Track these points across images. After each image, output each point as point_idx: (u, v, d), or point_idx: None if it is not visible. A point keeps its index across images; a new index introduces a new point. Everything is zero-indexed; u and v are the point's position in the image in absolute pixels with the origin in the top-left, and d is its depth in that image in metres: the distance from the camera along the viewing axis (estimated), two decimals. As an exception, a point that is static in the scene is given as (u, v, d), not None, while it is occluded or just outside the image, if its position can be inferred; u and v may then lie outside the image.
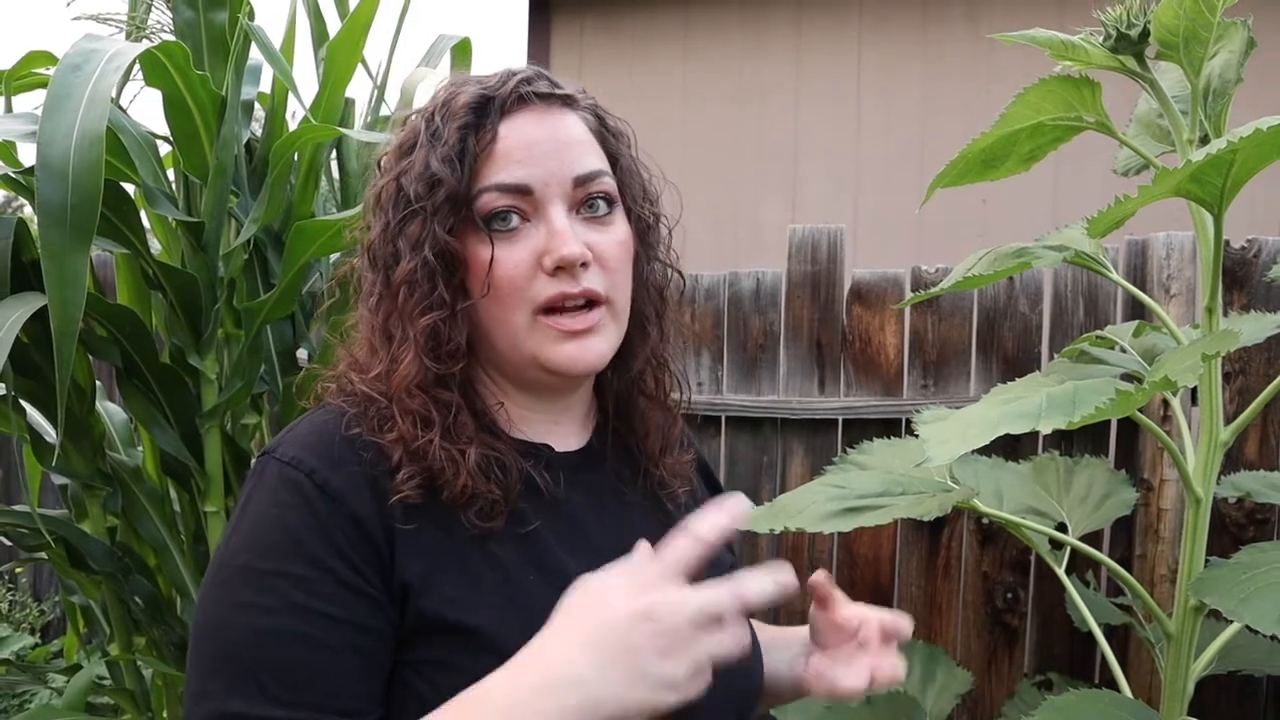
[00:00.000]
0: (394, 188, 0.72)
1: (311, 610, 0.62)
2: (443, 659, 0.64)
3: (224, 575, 0.65)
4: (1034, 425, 0.83)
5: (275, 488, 0.66)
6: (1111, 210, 0.98)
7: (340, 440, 0.68)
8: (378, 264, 0.73)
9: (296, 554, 0.63)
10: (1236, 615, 0.87)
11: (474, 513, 0.67)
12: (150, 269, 1.47)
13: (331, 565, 0.63)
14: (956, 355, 1.84)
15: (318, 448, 0.68)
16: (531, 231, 0.70)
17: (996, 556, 1.81)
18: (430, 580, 0.65)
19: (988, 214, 3.03)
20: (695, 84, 3.50)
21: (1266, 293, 1.66)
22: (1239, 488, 1.39)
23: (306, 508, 0.64)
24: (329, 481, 0.65)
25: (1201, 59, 1.11)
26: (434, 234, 0.69)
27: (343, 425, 0.69)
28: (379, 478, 0.67)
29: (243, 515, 0.67)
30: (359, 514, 0.65)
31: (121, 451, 1.67)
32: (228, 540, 0.67)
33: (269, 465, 0.68)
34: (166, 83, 1.39)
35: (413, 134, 0.73)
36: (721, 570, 0.82)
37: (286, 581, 0.62)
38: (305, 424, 0.71)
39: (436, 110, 0.72)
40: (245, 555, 0.64)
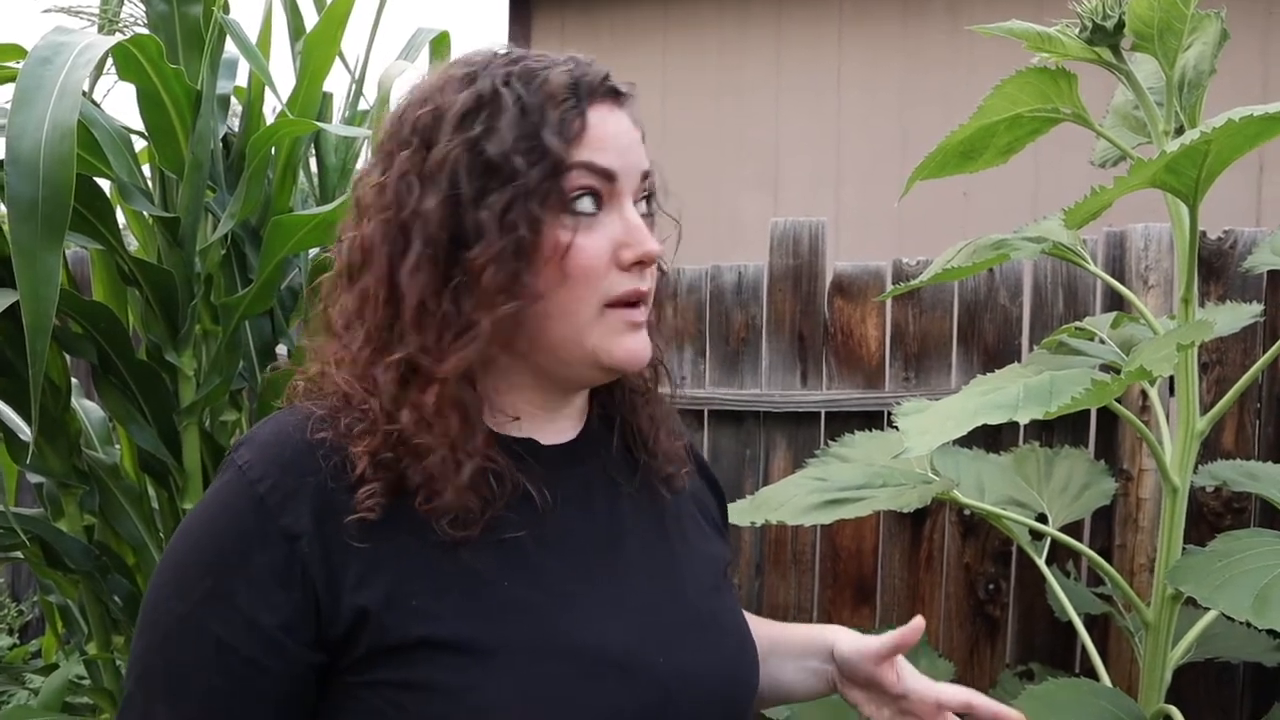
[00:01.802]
0: (466, 156, 0.65)
1: (207, 631, 0.61)
2: (409, 678, 0.61)
3: (162, 565, 0.66)
4: (1011, 416, 0.83)
5: (220, 489, 0.66)
6: (1088, 201, 0.99)
7: (300, 445, 0.65)
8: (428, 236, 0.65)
9: (209, 569, 0.63)
10: (1211, 602, 0.88)
11: (447, 522, 0.64)
12: (126, 265, 1.45)
13: (235, 589, 0.62)
14: (938, 347, 1.85)
15: (273, 451, 0.65)
16: (607, 221, 0.68)
17: (978, 548, 1.82)
18: (393, 598, 0.62)
19: (968, 207, 3.04)
20: (676, 79, 3.50)
21: (1243, 283, 1.67)
22: (1216, 477, 1.40)
23: (237, 521, 0.63)
24: (270, 493, 0.63)
25: (1176, 50, 1.12)
26: (529, 211, 0.64)
27: (308, 429, 0.66)
28: (336, 491, 0.64)
29: (198, 507, 0.68)
30: (295, 531, 0.62)
31: (99, 449, 1.66)
32: (183, 524, 0.68)
33: (228, 465, 0.67)
34: (140, 76, 1.38)
35: (476, 102, 0.66)
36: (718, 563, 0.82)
37: (196, 595, 0.62)
38: (272, 424, 0.69)
39: (515, 80, 0.67)
40: (176, 554, 0.65)
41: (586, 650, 0.65)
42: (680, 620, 0.72)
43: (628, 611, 0.69)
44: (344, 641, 0.62)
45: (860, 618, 1.87)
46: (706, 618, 0.74)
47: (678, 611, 0.72)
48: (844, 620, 1.87)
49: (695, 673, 0.69)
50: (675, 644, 0.70)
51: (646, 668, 0.67)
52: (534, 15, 3.68)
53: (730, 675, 0.74)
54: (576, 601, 0.67)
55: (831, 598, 1.89)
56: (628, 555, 0.72)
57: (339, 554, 0.62)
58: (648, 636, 0.69)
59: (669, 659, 0.68)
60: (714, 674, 0.72)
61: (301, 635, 0.62)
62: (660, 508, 0.78)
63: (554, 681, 0.63)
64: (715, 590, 0.78)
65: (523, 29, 3.65)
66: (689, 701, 0.68)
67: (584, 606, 0.67)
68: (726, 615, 0.77)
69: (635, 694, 0.66)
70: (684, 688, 0.68)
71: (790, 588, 1.91)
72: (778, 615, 1.89)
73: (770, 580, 1.92)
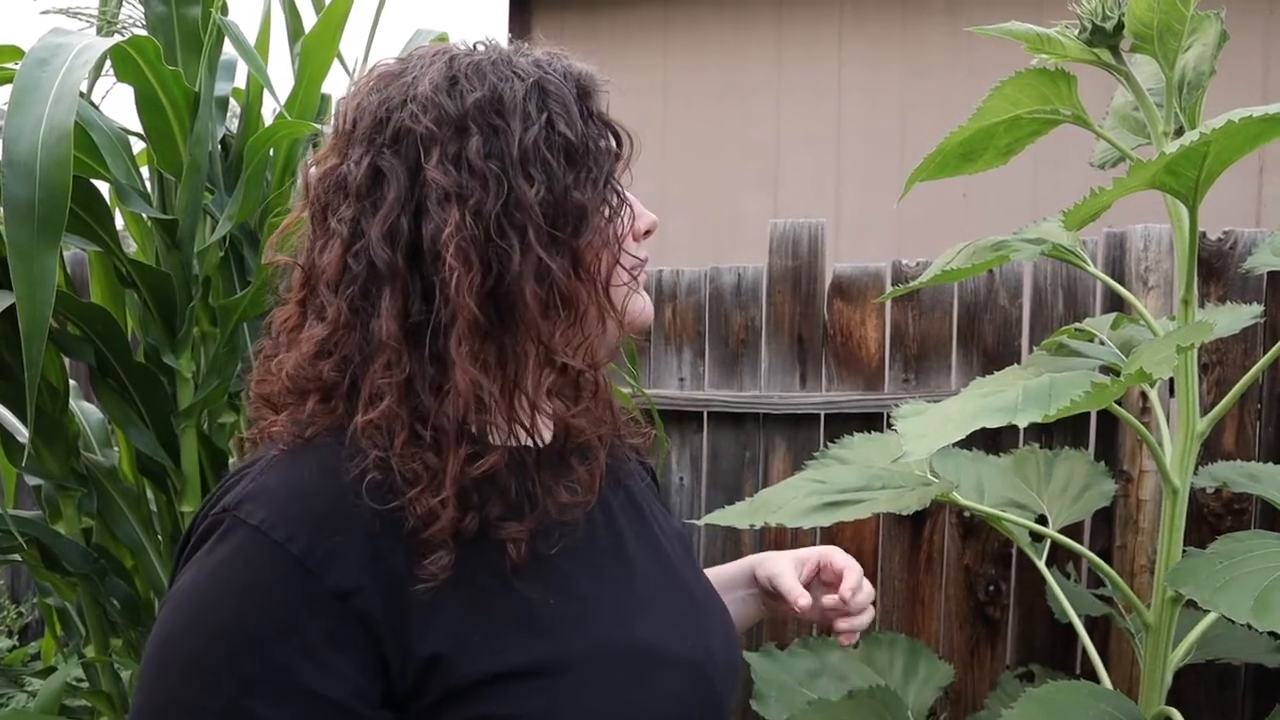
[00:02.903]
0: (552, 139, 0.63)
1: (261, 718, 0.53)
2: (488, 712, 0.58)
3: (166, 655, 0.56)
4: (1010, 419, 0.83)
5: (235, 560, 0.56)
6: (1087, 203, 0.99)
7: (331, 492, 0.58)
8: (544, 229, 0.61)
9: (251, 649, 0.54)
10: (1212, 604, 0.88)
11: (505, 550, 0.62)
12: (124, 267, 1.45)
13: (293, 664, 0.54)
14: (937, 349, 1.84)
15: (300, 506, 0.58)
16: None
17: (978, 549, 1.82)
18: (463, 637, 0.59)
19: (968, 208, 3.04)
20: (676, 79, 3.50)
21: (1243, 284, 1.67)
22: (1217, 478, 1.40)
23: (273, 591, 0.55)
24: (309, 552, 0.56)
25: (1176, 51, 1.12)
26: (618, 192, 0.66)
27: (336, 470, 0.59)
28: (384, 537, 0.58)
29: (194, 585, 0.57)
30: (347, 587, 0.56)
31: (97, 451, 1.65)
32: (173, 609, 0.57)
33: (234, 527, 0.57)
34: (138, 78, 1.37)
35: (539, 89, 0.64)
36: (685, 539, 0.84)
37: (236, 683, 0.54)
38: (277, 474, 0.60)
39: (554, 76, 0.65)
40: (192, 640, 0.55)
41: (635, 650, 0.66)
42: (686, 604, 0.75)
43: (649, 605, 0.71)
44: (415, 692, 0.58)
45: (860, 620, 1.87)
46: (701, 597, 0.78)
47: (681, 596, 0.75)
48: (844, 622, 1.87)
49: (712, 649, 0.72)
50: (692, 627, 0.73)
51: (684, 654, 0.69)
52: (534, 16, 3.68)
53: (732, 646, 0.78)
54: (608, 605, 0.68)
55: (831, 600, 1.88)
56: (629, 549, 0.73)
57: (398, 603, 0.57)
58: (671, 625, 0.71)
59: (694, 642, 0.71)
60: (723, 648, 0.75)
61: (372, 698, 0.56)
62: (633, 493, 0.79)
63: (620, 686, 0.64)
64: (694, 567, 0.81)
65: (523, 31, 3.65)
66: (717, 675, 0.72)
67: (617, 609, 0.68)
68: (711, 590, 0.81)
69: (685, 680, 0.68)
70: (711, 664, 0.71)
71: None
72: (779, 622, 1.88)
73: (770, 582, 1.92)
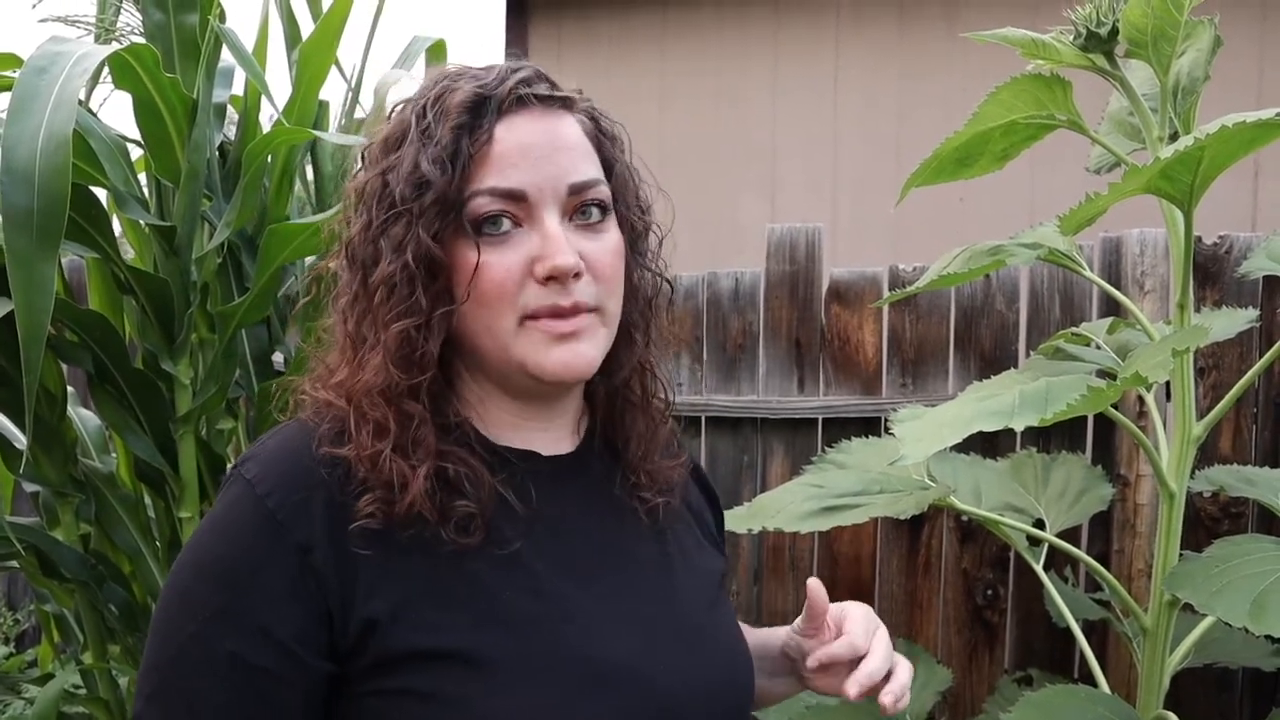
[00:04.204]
0: (379, 184, 0.68)
1: (221, 647, 0.62)
2: (414, 687, 0.63)
3: (170, 583, 0.67)
4: (1007, 423, 0.83)
5: (230, 506, 0.67)
6: (1083, 207, 0.99)
7: (306, 458, 0.67)
8: (356, 262, 0.70)
9: (224, 585, 0.63)
10: (1209, 608, 0.88)
11: (450, 528, 0.65)
12: (122, 274, 1.45)
13: (249, 604, 0.63)
14: (935, 354, 1.85)
15: (282, 466, 0.67)
16: (523, 237, 0.67)
17: (976, 554, 1.82)
18: (402, 609, 0.64)
19: (965, 213, 3.04)
20: (673, 85, 3.51)
21: (1239, 288, 1.68)
22: (1213, 482, 1.40)
23: (248, 536, 0.64)
24: (280, 507, 0.64)
25: (1170, 57, 1.12)
26: (418, 237, 0.66)
27: (315, 440, 0.67)
28: (344, 504, 0.65)
29: (200, 528, 0.68)
30: (308, 543, 0.63)
31: (95, 458, 1.65)
32: (185, 546, 0.68)
33: (235, 480, 0.67)
34: (136, 86, 1.38)
35: (401, 128, 0.69)
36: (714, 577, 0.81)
37: (208, 611, 0.63)
38: (277, 438, 0.70)
39: (428, 105, 0.68)
40: (189, 570, 0.66)
41: (587, 663, 0.66)
42: (677, 635, 0.72)
43: (626, 626, 0.69)
44: (353, 651, 0.63)
45: (858, 624, 1.87)
46: (702, 633, 0.75)
47: (675, 626, 0.72)
48: (842, 627, 1.87)
49: (691, 687, 0.70)
50: (672, 659, 0.70)
51: (645, 681, 0.67)
52: (531, 23, 3.68)
53: (724, 690, 0.74)
54: (577, 614, 0.67)
55: (830, 604, 1.88)
56: (627, 569, 0.72)
57: (350, 565, 0.63)
58: (645, 651, 0.69)
59: (667, 674, 0.69)
60: (709, 689, 0.72)
61: (315, 645, 0.63)
62: (658, 521, 0.77)
63: (555, 694, 0.64)
64: (711, 605, 0.78)
65: (519, 37, 3.66)
66: (685, 716, 0.69)
67: (584, 620, 0.67)
68: (723, 630, 0.77)
69: (633, 708, 0.66)
70: (680, 703, 0.68)
71: (789, 595, 1.91)
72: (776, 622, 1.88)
73: (769, 587, 1.92)
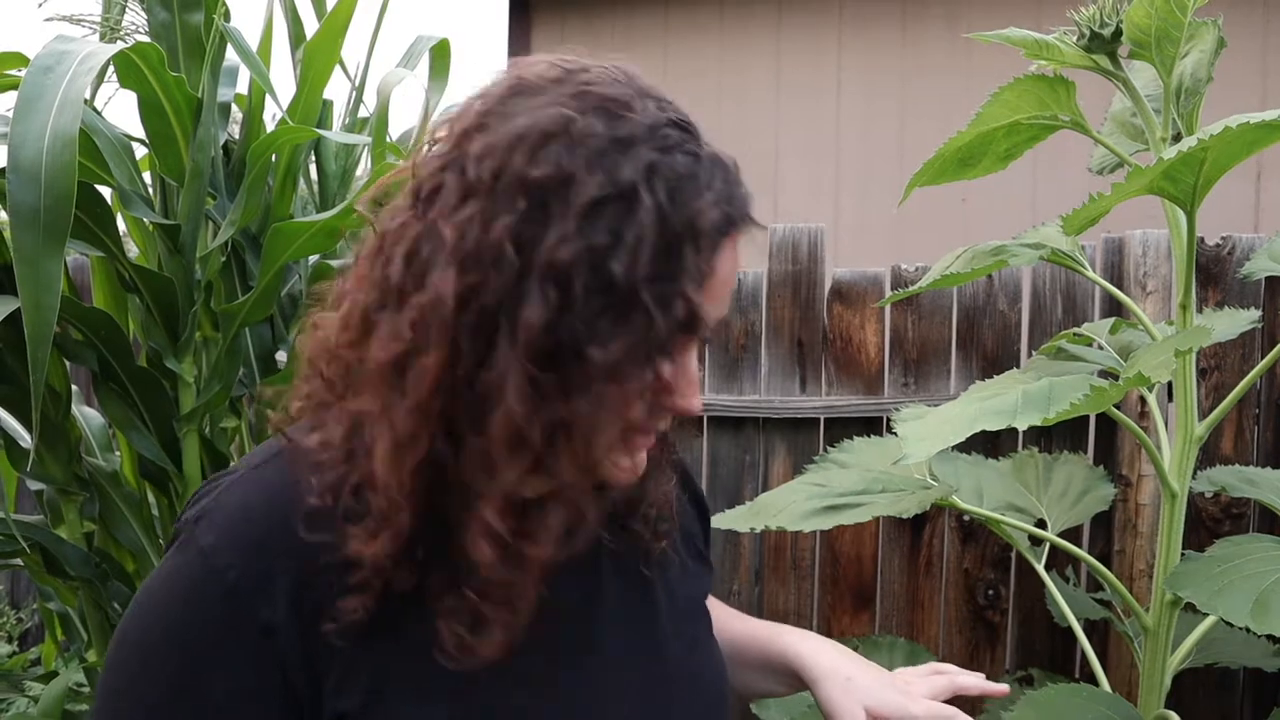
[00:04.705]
0: (588, 269, 0.51)
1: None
2: None
3: (115, 648, 0.60)
4: (1010, 422, 0.83)
5: (181, 575, 0.58)
6: (1086, 208, 0.99)
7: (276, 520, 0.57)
8: (527, 350, 0.52)
9: (181, 657, 0.56)
10: (1210, 608, 0.88)
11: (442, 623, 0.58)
12: (126, 272, 1.45)
13: (211, 682, 0.56)
14: (937, 353, 1.85)
15: (242, 530, 0.57)
16: None
17: (978, 554, 1.82)
18: (371, 703, 0.57)
19: (967, 213, 3.04)
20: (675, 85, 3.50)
21: (1241, 289, 1.68)
22: (1215, 482, 1.40)
23: (205, 612, 0.56)
24: (242, 580, 0.56)
25: (1173, 58, 1.13)
26: (652, 362, 0.55)
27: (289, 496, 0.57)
28: (318, 581, 0.56)
29: (149, 588, 0.60)
30: (272, 624, 0.56)
31: (99, 456, 1.66)
32: (134, 603, 0.60)
33: (187, 543, 0.58)
34: (141, 84, 1.38)
35: (613, 193, 0.52)
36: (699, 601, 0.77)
37: (164, 683, 0.56)
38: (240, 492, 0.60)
39: (660, 181, 0.53)
40: (130, 645, 0.59)
41: None
42: (662, 689, 0.69)
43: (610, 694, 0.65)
44: None
45: (860, 624, 1.87)
46: (688, 679, 0.71)
47: (660, 679, 0.69)
48: (844, 627, 1.87)
49: None
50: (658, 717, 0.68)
51: None
52: (534, 21, 3.69)
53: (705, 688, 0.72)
54: (559, 692, 0.63)
55: (831, 604, 1.89)
56: (608, 620, 0.67)
57: (318, 652, 0.56)
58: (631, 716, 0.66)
59: None
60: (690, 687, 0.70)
61: None
62: (640, 553, 0.71)
63: None
64: (694, 642, 0.74)
65: (522, 37, 3.66)
66: None
67: (566, 698, 0.63)
68: (707, 670, 0.74)
69: None
70: None
71: (790, 594, 1.91)
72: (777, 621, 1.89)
73: (770, 586, 1.92)
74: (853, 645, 1.58)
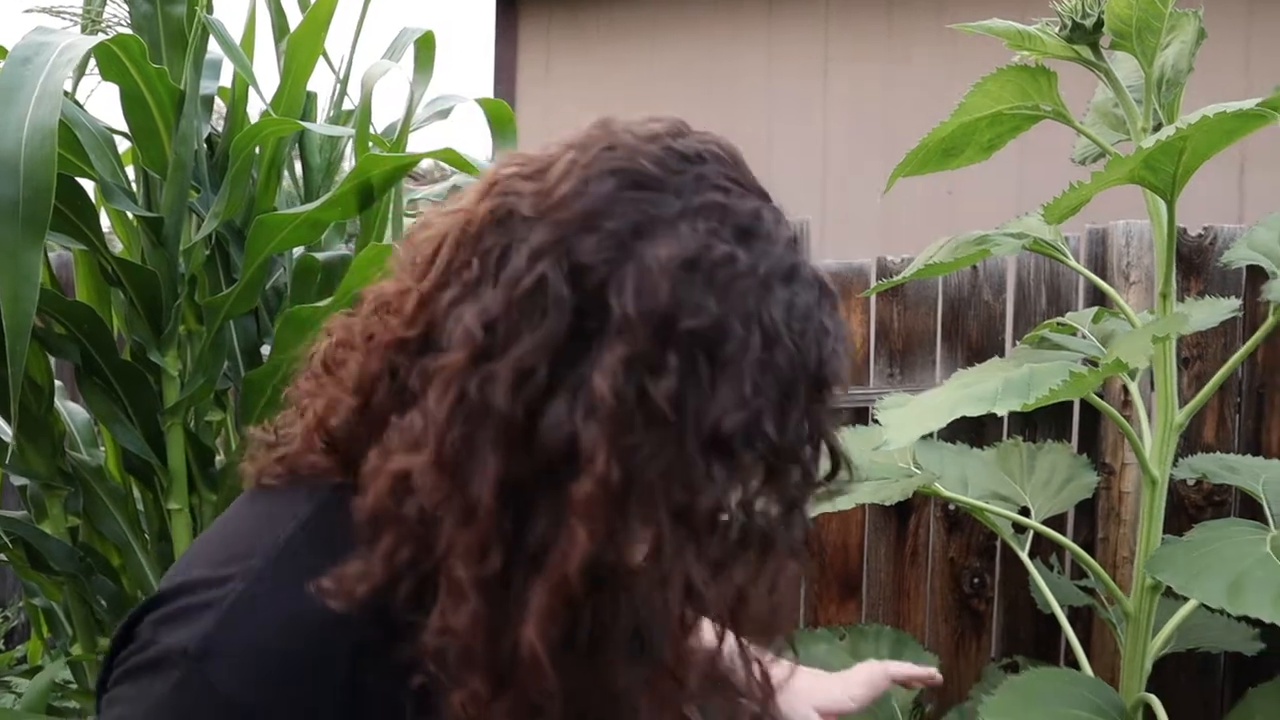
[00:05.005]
0: (752, 433, 0.47)
1: None
2: None
3: None
4: (990, 407, 0.84)
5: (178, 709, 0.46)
6: (1066, 196, 1.00)
7: (324, 658, 0.48)
8: (681, 528, 0.46)
9: None
10: (1187, 590, 0.89)
11: None
12: (109, 265, 1.45)
13: None
14: (922, 344, 1.86)
15: (283, 680, 0.47)
16: None
17: (963, 543, 1.83)
18: None
19: (954, 205, 3.05)
20: (663, 77, 3.51)
21: (1223, 279, 1.69)
22: (1196, 469, 1.42)
23: None
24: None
25: (1154, 49, 1.13)
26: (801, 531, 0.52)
27: (344, 630, 0.47)
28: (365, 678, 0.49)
29: None
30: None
31: (83, 451, 1.65)
32: None
33: (191, 684, 0.46)
34: (123, 77, 1.37)
35: (771, 352, 0.47)
36: None
37: None
38: (264, 618, 0.48)
39: (794, 336, 0.48)
40: None
41: None
42: None
43: None
44: None
45: (846, 612, 1.88)
46: None
47: None
48: (831, 615, 1.88)
49: None
50: None
51: None
52: (520, 15, 3.68)
53: None
54: None
55: (818, 593, 1.90)
56: None
57: None
58: None
59: None
60: None
61: None
62: None
63: None
64: None
65: (509, 30, 3.65)
66: None
67: None
68: None
69: None
70: None
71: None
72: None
73: (757, 577, 1.93)
74: (840, 634, 1.59)
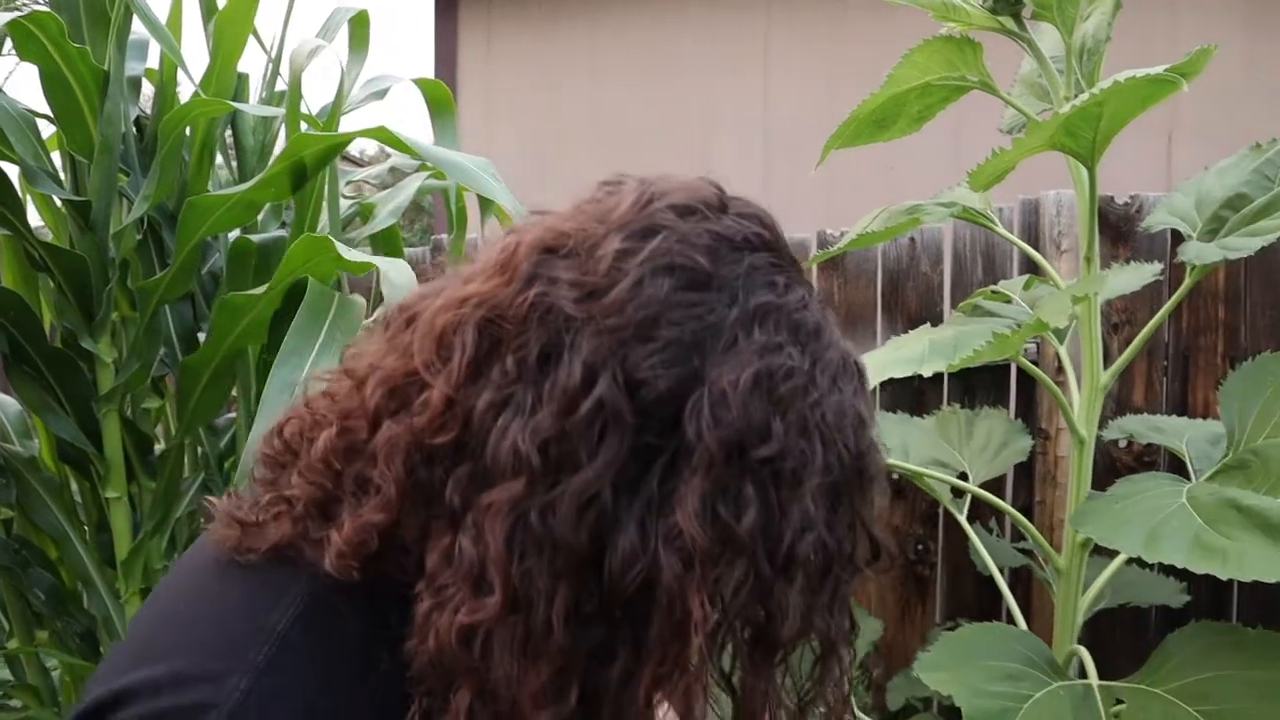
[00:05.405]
0: (819, 545, 0.47)
1: None
2: None
3: None
4: (917, 369, 0.86)
5: None
6: (990, 163, 1.02)
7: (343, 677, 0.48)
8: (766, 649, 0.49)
9: None
10: (1108, 541, 0.92)
11: None
12: (35, 251, 1.41)
13: None
14: (863, 315, 1.89)
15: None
16: None
17: (907, 510, 1.87)
18: None
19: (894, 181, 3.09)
20: (605, 53, 3.49)
21: (1150, 246, 1.74)
22: (1125, 430, 1.46)
23: None
24: None
25: (1074, 19, 1.16)
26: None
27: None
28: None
29: None
30: None
31: (15, 442, 1.61)
32: None
33: None
34: (42, 57, 1.33)
35: (830, 472, 0.48)
36: None
37: None
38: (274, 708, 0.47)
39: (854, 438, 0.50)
40: None
41: None
42: None
43: None
44: None
45: (795, 583, 1.91)
46: None
47: None
48: (779, 586, 1.91)
49: None
50: None
51: None
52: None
53: None
54: None
55: (767, 565, 1.92)
56: None
57: None
58: None
59: None
60: None
61: None
62: None
63: None
64: None
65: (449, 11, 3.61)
66: None
67: None
68: None
69: None
70: None
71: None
72: None
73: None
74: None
